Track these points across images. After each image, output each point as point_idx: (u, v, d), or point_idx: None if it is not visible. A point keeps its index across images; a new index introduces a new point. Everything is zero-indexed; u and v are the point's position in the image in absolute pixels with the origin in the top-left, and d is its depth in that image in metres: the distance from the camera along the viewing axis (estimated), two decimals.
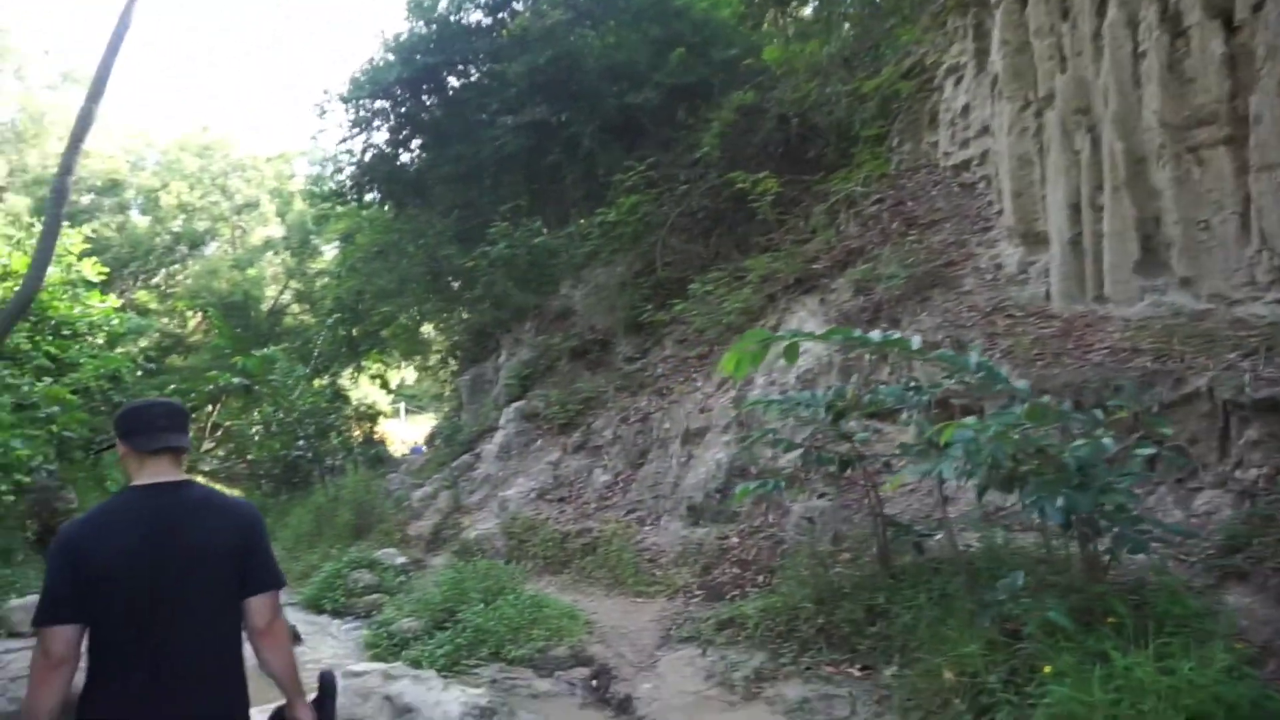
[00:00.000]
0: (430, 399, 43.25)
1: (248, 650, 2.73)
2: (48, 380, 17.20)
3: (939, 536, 6.51)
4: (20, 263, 17.12)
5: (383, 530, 12.47)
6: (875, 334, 4.95)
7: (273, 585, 2.71)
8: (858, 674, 5.87)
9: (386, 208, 20.26)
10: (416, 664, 6.81)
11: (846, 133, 11.36)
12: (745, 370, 5.07)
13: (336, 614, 9.62)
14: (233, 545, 2.62)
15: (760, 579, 7.83)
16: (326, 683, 2.84)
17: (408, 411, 42.03)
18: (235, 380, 17.64)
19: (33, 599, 8.52)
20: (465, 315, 17.68)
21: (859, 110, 11.07)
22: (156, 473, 2.63)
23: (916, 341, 4.88)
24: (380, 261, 18.82)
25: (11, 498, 10.23)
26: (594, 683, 6.81)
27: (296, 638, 7.81)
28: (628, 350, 13.07)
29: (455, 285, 17.88)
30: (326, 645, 8.21)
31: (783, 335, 5.00)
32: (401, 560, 10.92)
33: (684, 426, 10.19)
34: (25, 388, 14.53)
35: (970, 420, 4.97)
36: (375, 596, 9.80)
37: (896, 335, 5.03)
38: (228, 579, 2.61)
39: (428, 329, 23.62)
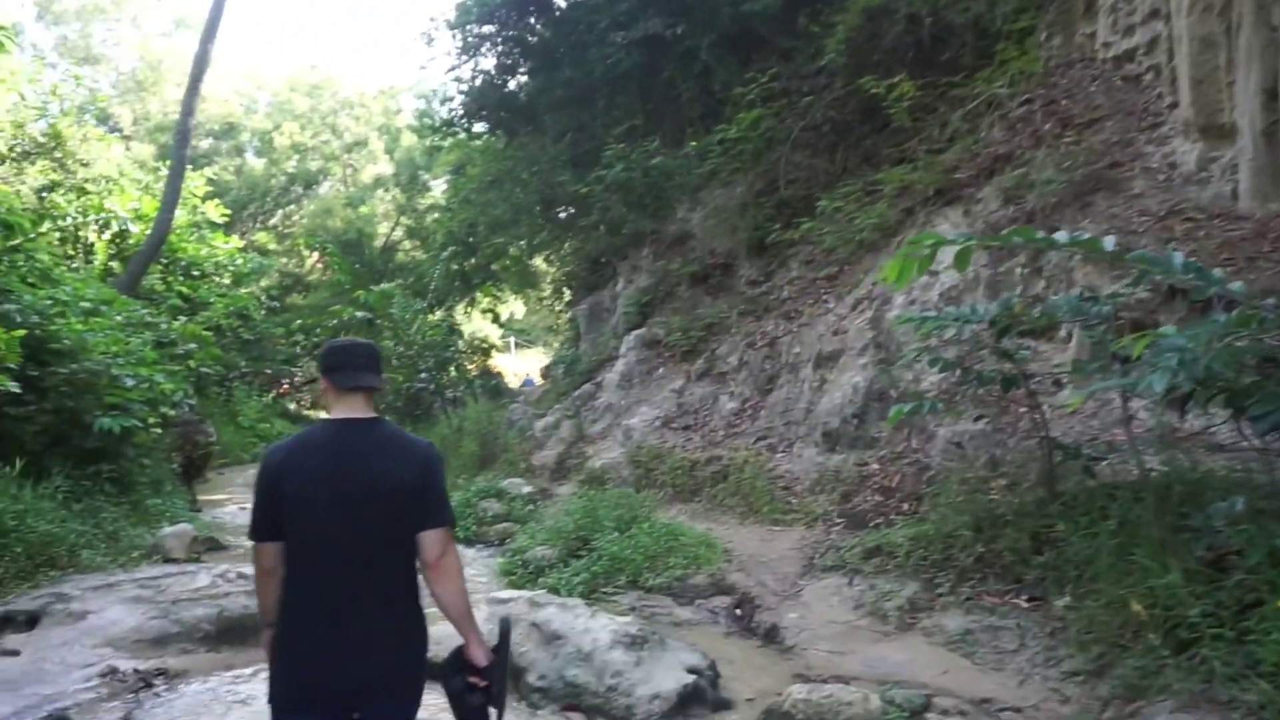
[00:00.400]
0: (539, 332, 43.71)
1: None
2: (182, 319, 17.86)
3: (1110, 459, 6.00)
4: (150, 206, 17.62)
5: (507, 460, 12.51)
6: (1061, 235, 4.42)
7: (444, 522, 2.78)
8: (1025, 605, 5.50)
9: (497, 137, 20.07)
10: (554, 591, 6.72)
11: (987, 30, 10.44)
12: (909, 278, 4.65)
13: (469, 542, 9.66)
14: (412, 481, 2.69)
15: (905, 506, 7.47)
16: (504, 628, 2.89)
17: (517, 346, 42.60)
18: (359, 314, 17.93)
19: (183, 527, 8.88)
20: (581, 241, 17.37)
21: (1001, 3, 10.15)
22: (351, 408, 2.76)
23: (1110, 243, 4.33)
24: (495, 191, 18.62)
25: (159, 431, 10.54)
26: (737, 611, 6.61)
27: None
28: (751, 273, 12.60)
29: (569, 213, 17.62)
30: (464, 572, 8.22)
31: (954, 239, 4.52)
32: (528, 489, 10.92)
33: (816, 350, 9.75)
34: (163, 326, 15.02)
35: (1169, 329, 4.45)
36: (505, 525, 9.83)
37: (1086, 236, 4.48)
38: (405, 512, 2.69)
39: (538, 261, 23.54)
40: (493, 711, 2.76)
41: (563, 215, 18.31)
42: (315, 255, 33.42)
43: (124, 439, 9.45)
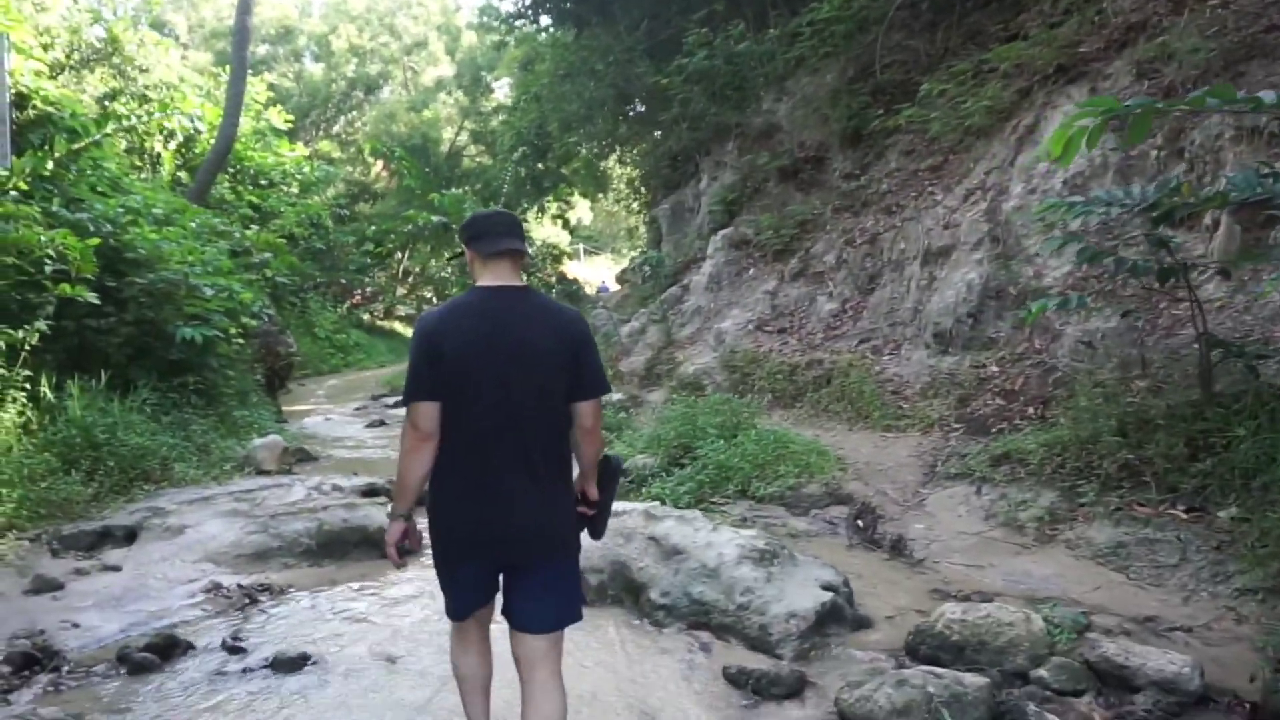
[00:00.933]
0: (607, 239, 43.23)
1: None
2: (254, 228, 17.70)
3: (1277, 358, 5.45)
4: (213, 114, 17.30)
5: None
6: (1269, 94, 3.82)
7: (599, 392, 2.85)
8: (1183, 516, 5.05)
9: (565, 29, 19.15)
10: (659, 501, 6.44)
11: None
12: (1075, 153, 4.12)
13: None
14: (565, 351, 2.73)
15: (1031, 411, 7.00)
16: (616, 466, 2.99)
17: (585, 253, 42.24)
18: (434, 219, 17.50)
19: (273, 438, 8.76)
20: (660, 137, 16.61)
21: None
22: (498, 275, 2.77)
23: None
24: (567, 85, 17.86)
25: (240, 341, 10.40)
26: (858, 522, 6.25)
27: None
28: (845, 166, 11.88)
29: (645, 109, 16.80)
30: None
31: (1133, 103, 3.95)
32: (618, 397, 10.63)
33: (923, 246, 9.16)
34: (237, 235, 14.84)
35: None
36: None
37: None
38: (557, 379, 2.72)
39: (611, 162, 22.86)
40: (585, 536, 2.97)
41: (637, 111, 17.50)
42: (380, 163, 33.08)
43: (207, 350, 9.30)
